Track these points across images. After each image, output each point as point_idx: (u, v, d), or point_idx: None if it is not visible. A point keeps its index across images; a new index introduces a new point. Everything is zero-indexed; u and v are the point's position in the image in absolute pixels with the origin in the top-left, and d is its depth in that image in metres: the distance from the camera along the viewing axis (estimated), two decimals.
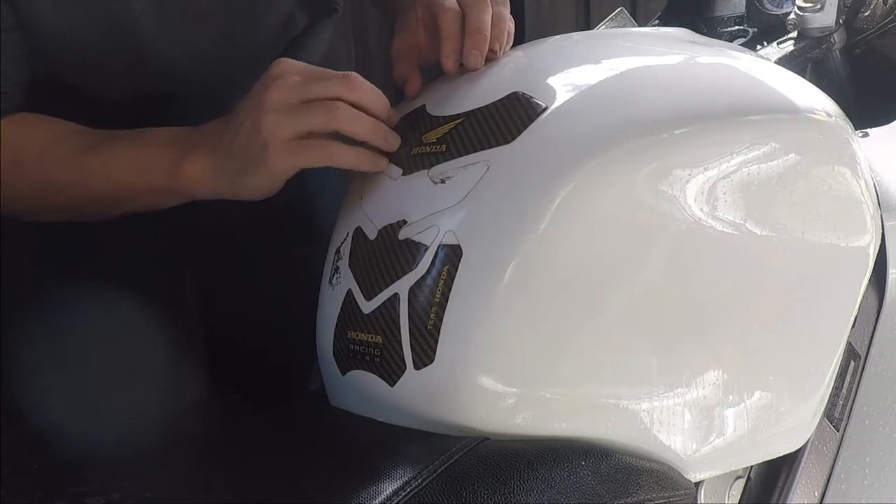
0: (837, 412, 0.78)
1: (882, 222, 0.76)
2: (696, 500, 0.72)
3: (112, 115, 0.82)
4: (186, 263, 0.96)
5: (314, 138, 0.70)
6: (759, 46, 1.13)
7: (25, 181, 0.80)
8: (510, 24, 0.78)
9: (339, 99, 0.70)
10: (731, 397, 0.69)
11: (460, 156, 0.68)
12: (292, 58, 0.97)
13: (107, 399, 0.82)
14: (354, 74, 0.72)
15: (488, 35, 0.76)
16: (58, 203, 0.82)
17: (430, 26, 0.79)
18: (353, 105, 0.71)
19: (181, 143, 0.76)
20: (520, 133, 0.67)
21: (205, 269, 0.96)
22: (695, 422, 0.69)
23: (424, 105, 0.74)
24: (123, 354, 0.85)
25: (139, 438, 0.75)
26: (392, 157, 0.73)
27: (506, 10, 0.79)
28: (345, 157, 0.71)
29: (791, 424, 0.73)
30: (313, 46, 1.00)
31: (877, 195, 0.75)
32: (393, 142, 0.72)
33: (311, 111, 0.70)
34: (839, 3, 1.09)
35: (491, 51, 0.76)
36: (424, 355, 0.65)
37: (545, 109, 0.68)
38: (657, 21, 1.20)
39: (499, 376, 0.65)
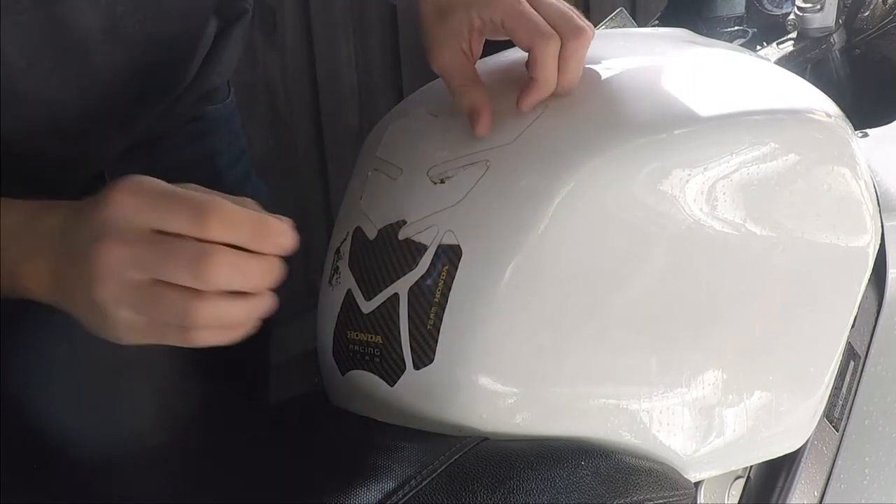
0: (837, 412, 0.78)
1: (882, 222, 0.76)
2: (696, 500, 0.72)
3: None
4: None
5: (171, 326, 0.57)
6: (758, 46, 1.14)
7: None
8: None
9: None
10: (730, 397, 0.69)
11: (460, 155, 0.68)
12: (206, 71, 0.86)
13: (105, 402, 0.81)
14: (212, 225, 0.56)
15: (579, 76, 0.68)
16: None
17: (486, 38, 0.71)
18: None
19: (18, 244, 0.61)
20: (520, 133, 0.67)
21: None
22: (694, 422, 0.69)
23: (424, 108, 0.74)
24: (121, 358, 0.85)
25: (138, 441, 0.75)
26: None
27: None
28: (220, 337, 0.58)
29: (791, 424, 0.73)
30: (226, 57, 0.90)
31: (877, 195, 0.75)
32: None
33: (161, 306, 0.56)
34: (839, 4, 1.09)
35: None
36: (424, 355, 0.65)
37: (545, 109, 0.68)
38: (657, 21, 1.20)
39: (499, 376, 0.65)
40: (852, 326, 0.76)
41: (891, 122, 0.94)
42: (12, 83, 0.73)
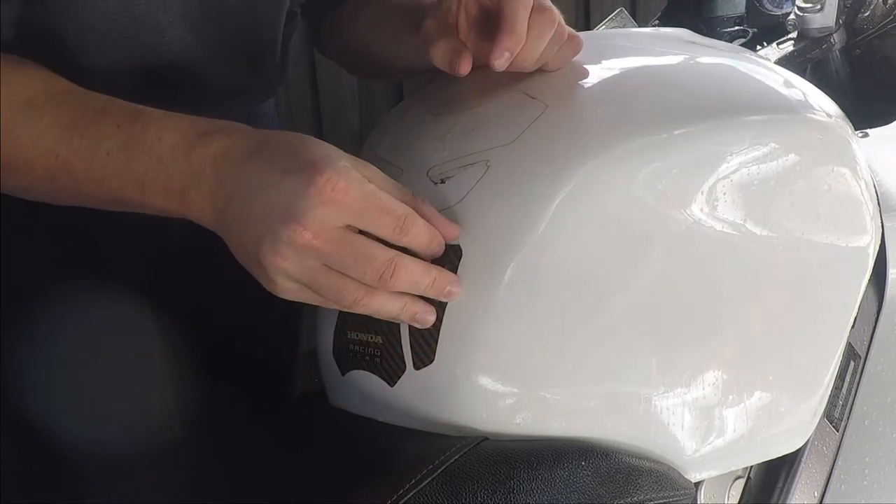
0: (837, 412, 0.78)
1: (882, 222, 0.76)
2: (696, 500, 0.72)
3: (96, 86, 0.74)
4: (176, 262, 0.94)
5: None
6: (759, 46, 1.14)
7: None
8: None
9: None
10: (730, 397, 0.69)
11: (460, 155, 0.68)
12: (278, 65, 0.91)
13: (106, 401, 0.81)
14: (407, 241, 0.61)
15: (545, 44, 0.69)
16: (24, 184, 0.68)
17: (475, 15, 0.73)
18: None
19: (188, 165, 0.63)
20: (520, 133, 0.67)
21: (194, 267, 0.95)
22: (694, 422, 0.69)
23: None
24: (122, 356, 0.85)
25: (139, 440, 0.75)
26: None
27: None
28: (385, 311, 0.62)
29: (791, 424, 0.73)
30: (287, 56, 0.95)
31: (877, 195, 0.75)
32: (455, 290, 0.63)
33: (334, 293, 0.60)
34: (839, 4, 1.09)
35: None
36: (424, 355, 0.65)
37: (545, 109, 0.68)
38: (657, 21, 1.21)
39: (499, 376, 0.65)
40: (852, 326, 0.76)
41: (891, 122, 0.94)
42: (155, 17, 0.76)
